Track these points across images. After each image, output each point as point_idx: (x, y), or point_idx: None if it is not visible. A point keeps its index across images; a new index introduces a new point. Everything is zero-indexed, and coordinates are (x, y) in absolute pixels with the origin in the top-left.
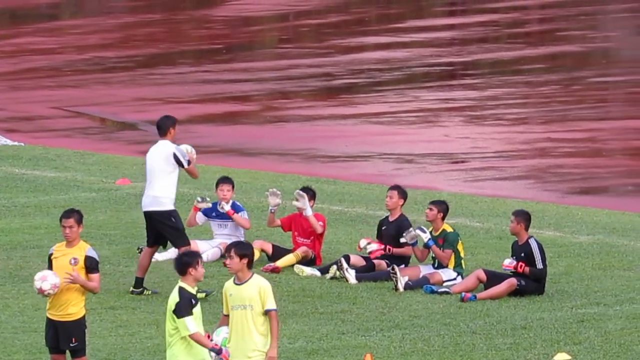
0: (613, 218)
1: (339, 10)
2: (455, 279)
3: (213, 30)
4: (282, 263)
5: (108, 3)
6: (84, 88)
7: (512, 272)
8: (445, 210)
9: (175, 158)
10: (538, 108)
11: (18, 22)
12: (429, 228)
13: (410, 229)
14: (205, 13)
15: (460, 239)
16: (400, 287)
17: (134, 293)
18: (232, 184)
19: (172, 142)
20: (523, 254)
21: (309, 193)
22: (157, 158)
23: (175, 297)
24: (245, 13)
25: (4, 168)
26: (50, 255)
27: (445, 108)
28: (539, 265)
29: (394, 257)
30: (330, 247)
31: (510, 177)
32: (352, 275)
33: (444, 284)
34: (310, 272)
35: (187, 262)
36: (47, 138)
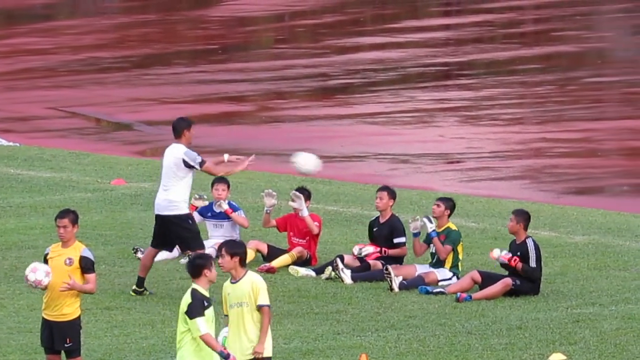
0: (608, 218)
1: (335, 11)
2: (451, 279)
3: (208, 31)
4: (277, 263)
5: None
6: (79, 88)
7: (504, 264)
8: (452, 207)
9: (186, 163)
10: (533, 108)
11: (13, 22)
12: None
13: (417, 217)
14: (201, 13)
15: (462, 241)
16: (395, 287)
17: (136, 293)
18: (227, 184)
19: (186, 145)
20: (519, 253)
21: (305, 193)
22: (169, 162)
23: (188, 298)
24: (241, 13)
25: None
26: (46, 256)
27: (441, 108)
28: (532, 264)
29: (389, 257)
30: (326, 247)
31: (506, 177)
32: (347, 276)
33: (439, 284)
34: (305, 272)
35: (201, 264)
36: (42, 138)
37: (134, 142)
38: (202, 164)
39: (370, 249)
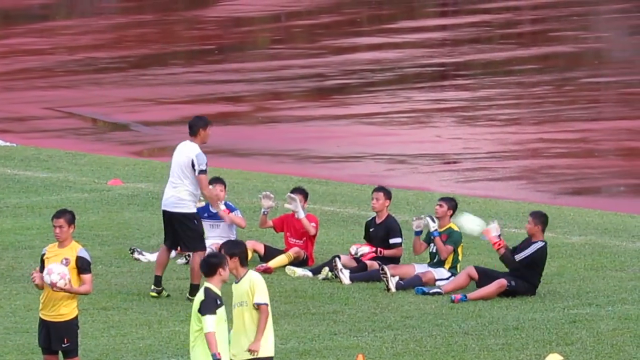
0: (605, 219)
1: (331, 11)
2: (448, 279)
3: (205, 31)
4: (274, 264)
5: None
6: (76, 89)
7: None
8: (455, 207)
9: (193, 165)
10: (530, 109)
11: (10, 22)
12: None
13: (422, 215)
14: (197, 14)
15: (462, 242)
16: (392, 287)
17: (154, 291)
18: (224, 184)
19: (200, 144)
20: (521, 247)
21: (302, 193)
22: (181, 159)
23: (201, 296)
24: (237, 14)
25: None
26: (43, 256)
27: (437, 109)
28: (517, 257)
29: (385, 258)
30: (322, 247)
31: (503, 177)
32: (346, 276)
33: (436, 283)
34: (302, 272)
35: (216, 262)
36: (39, 139)
37: (131, 142)
38: (201, 172)
39: (366, 249)
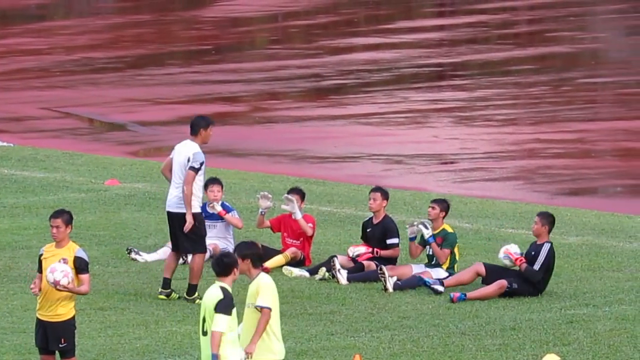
0: (602, 219)
1: (328, 11)
2: (447, 278)
3: (202, 31)
4: (271, 264)
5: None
6: (73, 89)
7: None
8: (447, 209)
9: (188, 160)
10: (527, 109)
11: (7, 22)
12: (429, 224)
13: (415, 222)
14: (194, 14)
15: (458, 242)
16: (390, 287)
17: (162, 294)
18: (221, 185)
19: (201, 143)
20: (533, 253)
21: (299, 193)
22: (180, 159)
23: (219, 294)
24: (234, 14)
25: None
26: (40, 256)
27: (434, 109)
28: (536, 267)
29: (382, 258)
30: (319, 247)
31: (500, 178)
32: (343, 276)
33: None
34: (299, 273)
35: (231, 262)
36: (36, 139)
37: (128, 142)
38: (192, 168)
39: (362, 250)
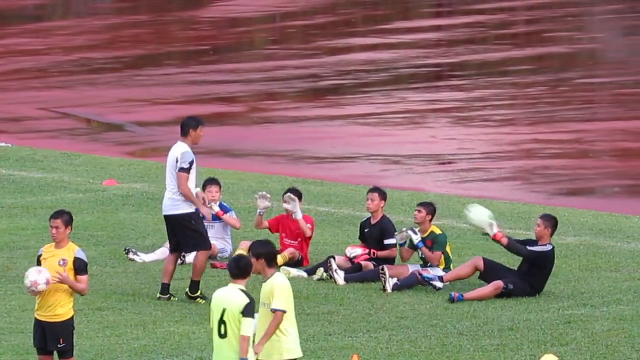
0: (600, 219)
1: (326, 12)
2: (446, 273)
3: (200, 32)
4: None
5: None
6: (71, 89)
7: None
8: (433, 212)
9: (177, 161)
10: (525, 109)
11: (5, 23)
12: (417, 228)
13: (403, 229)
14: (192, 14)
15: (449, 241)
16: (388, 288)
17: (161, 300)
18: (219, 185)
19: (191, 144)
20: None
21: (296, 194)
22: (171, 160)
23: (244, 298)
24: (232, 14)
25: None
26: (39, 256)
27: (432, 109)
28: (525, 250)
29: (379, 259)
30: (317, 248)
31: (497, 178)
32: (340, 277)
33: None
34: (297, 273)
35: (249, 264)
36: (34, 139)
37: (126, 142)
38: (181, 170)
39: (359, 251)
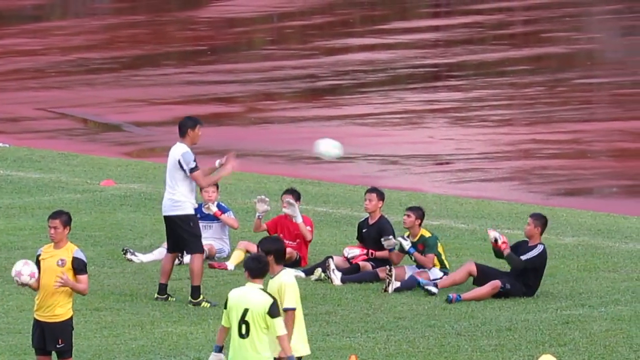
0: (598, 220)
1: (323, 12)
2: (441, 279)
3: (197, 32)
4: None
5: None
6: (69, 89)
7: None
8: (422, 216)
9: (180, 164)
10: (523, 109)
11: (2, 23)
12: (406, 233)
13: (390, 237)
14: (190, 14)
15: (439, 241)
16: (390, 290)
17: (159, 300)
18: (216, 185)
19: (190, 144)
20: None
21: (294, 194)
22: (170, 162)
23: (267, 298)
24: (230, 15)
25: None
26: (38, 257)
27: (430, 109)
28: (523, 258)
29: (377, 259)
30: (315, 248)
31: (495, 178)
32: (337, 277)
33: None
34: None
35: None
36: (31, 139)
37: (123, 143)
38: (192, 170)
39: (357, 252)
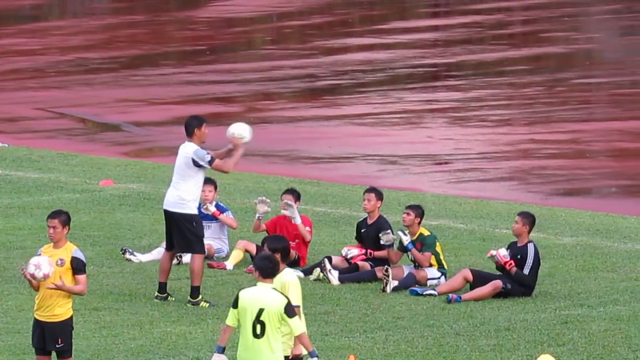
0: (596, 219)
1: (322, 12)
2: (440, 278)
3: (196, 32)
4: None
5: (91, 4)
6: (68, 89)
7: (498, 266)
8: (422, 214)
9: (195, 163)
10: (521, 109)
11: (1, 23)
12: (406, 231)
13: (388, 231)
14: (189, 14)
15: (438, 240)
16: (388, 289)
17: (158, 298)
18: (214, 185)
19: (198, 143)
20: (519, 256)
21: (294, 194)
22: (180, 160)
23: (282, 298)
24: (229, 14)
25: None
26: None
27: (429, 109)
28: (526, 271)
29: (375, 259)
30: (314, 248)
31: (494, 178)
32: (334, 277)
33: (429, 284)
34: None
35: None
36: (30, 139)
37: (122, 143)
38: (211, 162)
39: (355, 252)
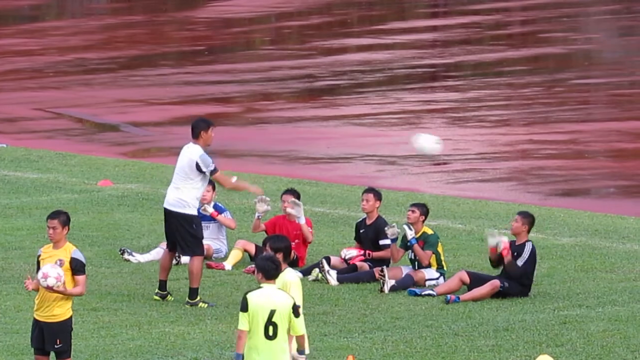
0: (595, 220)
1: (321, 12)
2: (438, 279)
3: (195, 32)
4: None
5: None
6: (66, 90)
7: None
8: (426, 213)
9: (198, 167)
10: (520, 110)
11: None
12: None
13: (394, 224)
14: (187, 15)
15: (440, 241)
16: (386, 289)
17: (158, 295)
18: (213, 185)
19: (203, 146)
20: (515, 253)
21: (293, 194)
22: (183, 162)
23: (289, 298)
24: (227, 15)
25: None
26: (38, 257)
27: (427, 110)
28: (520, 263)
29: (374, 260)
30: (313, 249)
31: (493, 179)
32: (333, 277)
33: (427, 284)
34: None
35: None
36: (29, 139)
37: (121, 143)
38: (213, 172)
39: (354, 252)
